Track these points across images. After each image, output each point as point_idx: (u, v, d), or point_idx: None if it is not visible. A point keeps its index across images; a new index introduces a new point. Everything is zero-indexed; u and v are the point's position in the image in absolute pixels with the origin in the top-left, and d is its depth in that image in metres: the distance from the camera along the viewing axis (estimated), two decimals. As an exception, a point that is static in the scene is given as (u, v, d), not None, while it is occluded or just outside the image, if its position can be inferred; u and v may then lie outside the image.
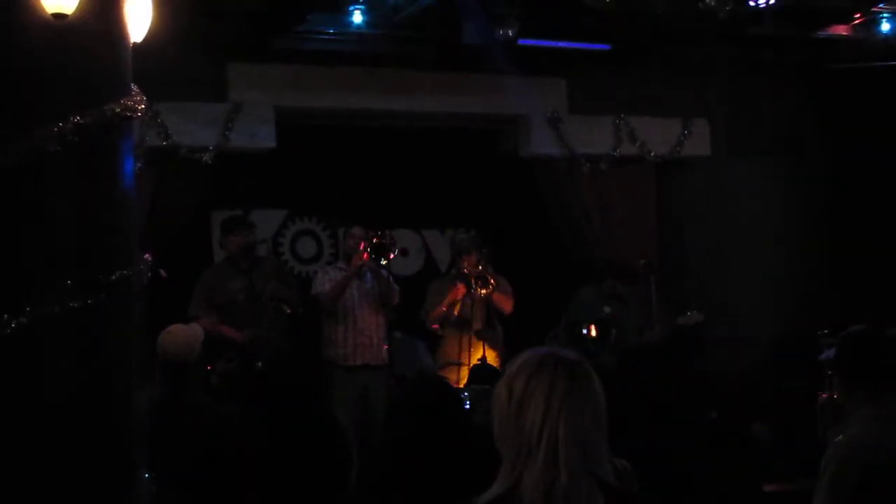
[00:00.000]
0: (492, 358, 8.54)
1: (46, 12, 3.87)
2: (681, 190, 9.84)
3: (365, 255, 8.19)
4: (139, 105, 4.11)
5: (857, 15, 8.67)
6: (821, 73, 9.52)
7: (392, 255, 8.33)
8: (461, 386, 8.05)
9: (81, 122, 3.83)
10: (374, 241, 8.21)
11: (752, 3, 7.27)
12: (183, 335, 5.60)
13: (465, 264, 8.65)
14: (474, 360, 8.44)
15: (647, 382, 3.81)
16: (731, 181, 9.73)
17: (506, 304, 8.71)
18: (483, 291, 8.51)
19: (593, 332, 8.72)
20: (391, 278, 8.50)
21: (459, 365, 8.53)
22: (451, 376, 8.45)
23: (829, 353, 6.21)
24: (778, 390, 8.71)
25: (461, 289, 8.57)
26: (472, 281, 8.50)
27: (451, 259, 9.13)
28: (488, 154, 9.85)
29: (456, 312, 8.64)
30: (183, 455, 4.85)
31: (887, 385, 4.43)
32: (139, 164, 7.66)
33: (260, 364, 7.71)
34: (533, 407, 2.75)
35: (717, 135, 9.84)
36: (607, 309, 8.90)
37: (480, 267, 8.63)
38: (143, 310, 4.05)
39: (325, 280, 8.47)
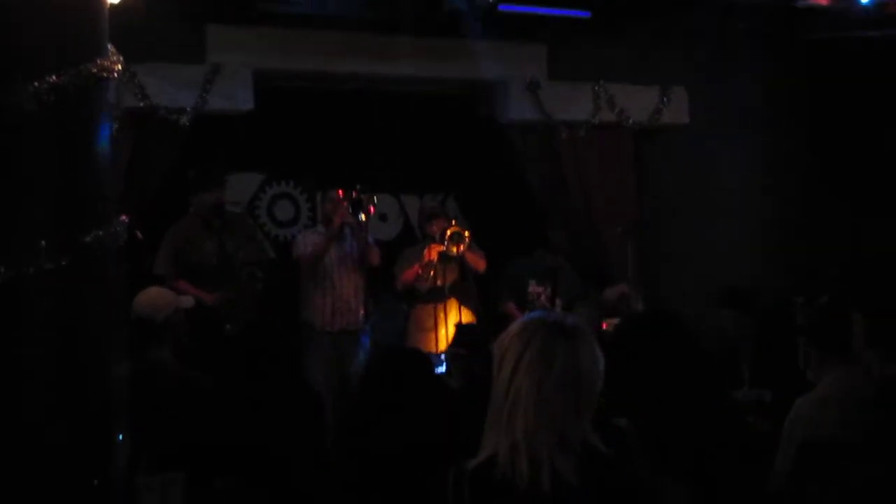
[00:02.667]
0: (466, 316, 8.57)
1: (22, -29, 3.84)
2: (658, 158, 9.85)
3: (344, 215, 8.17)
4: (116, 66, 4.08)
5: (838, -16, 8.67)
6: (801, 43, 9.53)
7: (372, 209, 8.32)
8: (438, 351, 8.08)
9: (57, 82, 3.80)
10: (353, 195, 8.21)
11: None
12: (149, 295, 5.61)
13: (435, 228, 8.66)
14: (449, 323, 8.46)
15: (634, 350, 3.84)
16: (709, 150, 9.75)
17: (478, 264, 8.73)
18: (456, 249, 8.51)
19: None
20: (371, 238, 8.50)
21: (434, 330, 8.55)
22: (428, 344, 8.49)
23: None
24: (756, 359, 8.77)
25: (434, 248, 8.57)
26: (446, 238, 8.50)
27: (420, 225, 9.13)
28: (467, 119, 9.84)
29: (428, 276, 8.64)
30: (148, 415, 4.88)
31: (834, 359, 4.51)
32: (116, 126, 7.68)
33: (229, 327, 7.68)
34: (505, 367, 2.79)
35: (696, 103, 9.84)
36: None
37: (454, 222, 8.65)
38: (119, 271, 4.04)
39: (305, 242, 8.46)
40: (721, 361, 6.61)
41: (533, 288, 8.92)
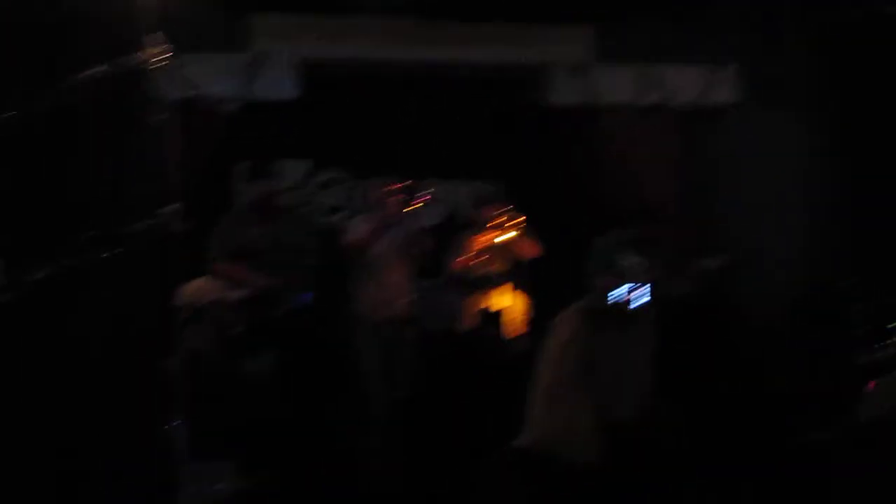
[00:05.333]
0: (521, 302, 8.56)
1: (71, -37, 3.85)
2: (706, 139, 9.76)
3: (397, 203, 8.18)
4: (164, 55, 4.10)
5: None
6: (854, 22, 9.39)
7: (427, 199, 8.31)
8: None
9: (108, 71, 3.82)
10: (406, 185, 8.22)
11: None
12: (190, 286, 5.63)
13: (487, 214, 8.65)
14: (503, 308, 8.45)
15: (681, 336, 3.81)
16: (758, 132, 9.64)
17: (531, 249, 8.69)
18: (509, 235, 8.49)
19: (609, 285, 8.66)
20: (420, 227, 8.50)
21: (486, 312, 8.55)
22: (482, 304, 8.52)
23: None
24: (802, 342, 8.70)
25: (488, 236, 8.55)
26: (499, 223, 8.48)
27: (473, 210, 9.10)
28: (512, 103, 9.79)
29: (482, 262, 8.62)
30: (191, 403, 4.90)
31: None
32: (163, 115, 7.74)
33: (281, 312, 7.71)
34: (555, 350, 2.80)
35: (745, 83, 9.74)
36: (630, 256, 8.82)
37: (506, 210, 8.64)
38: (173, 259, 4.05)
39: (355, 230, 8.46)
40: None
41: (630, 260, 8.80)
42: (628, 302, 8.17)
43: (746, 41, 9.61)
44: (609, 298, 8.12)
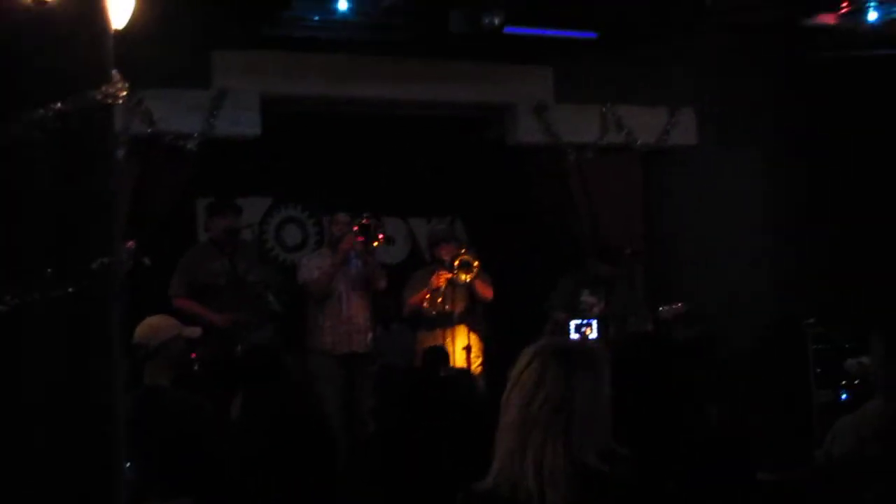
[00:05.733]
0: (475, 342, 8.56)
1: (26, -2, 3.82)
2: (667, 179, 9.82)
3: (355, 239, 8.18)
4: (121, 91, 4.06)
5: (845, 3, 8.65)
6: (808, 62, 9.50)
7: (381, 237, 8.33)
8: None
9: (62, 108, 3.78)
10: (364, 222, 8.23)
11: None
12: (148, 322, 5.60)
13: (444, 252, 8.66)
14: (456, 347, 8.44)
15: (641, 373, 3.80)
16: (718, 170, 9.71)
17: (486, 291, 8.72)
18: (465, 277, 8.50)
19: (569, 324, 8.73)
20: (376, 263, 8.49)
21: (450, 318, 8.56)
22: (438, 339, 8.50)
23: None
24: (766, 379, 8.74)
25: (443, 275, 8.56)
26: (455, 266, 8.49)
27: (429, 249, 9.11)
28: (474, 142, 9.83)
29: (438, 301, 8.62)
30: (147, 442, 4.86)
31: None
32: (123, 152, 7.71)
33: (240, 348, 7.69)
34: (518, 389, 2.79)
35: (704, 124, 9.82)
36: (586, 295, 8.87)
37: (463, 251, 8.64)
38: (125, 299, 4.01)
39: (311, 267, 8.46)
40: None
41: (586, 298, 8.86)
42: (586, 338, 8.24)
43: (707, 83, 9.69)
44: (570, 336, 8.19)
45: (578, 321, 8.45)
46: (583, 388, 2.81)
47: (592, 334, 8.38)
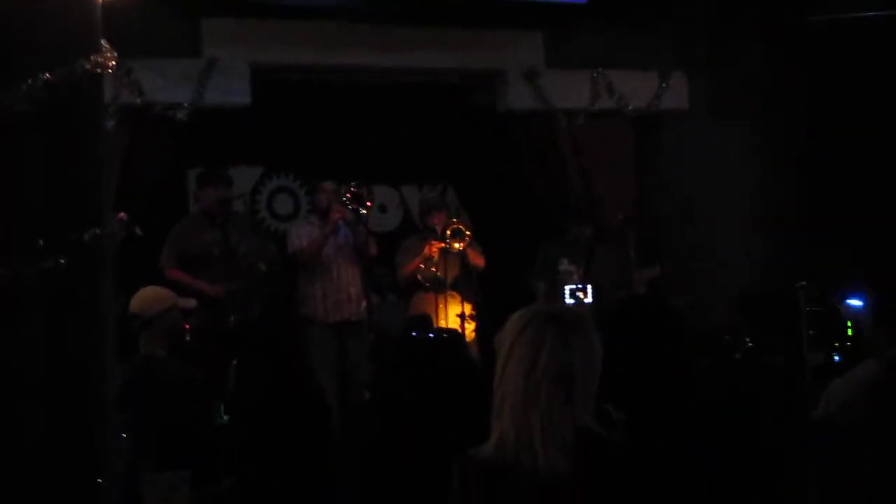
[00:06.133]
0: (468, 310, 8.56)
1: (12, -32, 3.80)
2: (659, 144, 9.81)
3: (340, 211, 8.16)
4: (110, 61, 4.04)
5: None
6: (801, 27, 9.46)
7: (370, 204, 8.32)
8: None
9: (51, 79, 3.76)
10: (352, 190, 8.21)
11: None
12: (143, 293, 5.61)
13: (436, 221, 8.65)
14: (450, 315, 8.45)
15: (632, 335, 3.81)
16: (710, 135, 9.69)
17: (478, 260, 8.71)
18: (458, 245, 8.49)
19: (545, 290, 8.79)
20: (367, 230, 8.48)
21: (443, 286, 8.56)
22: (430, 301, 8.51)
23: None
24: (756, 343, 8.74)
25: (435, 245, 8.55)
26: (448, 234, 8.48)
27: (421, 218, 9.10)
28: (465, 109, 9.80)
29: (431, 270, 8.62)
30: (144, 412, 4.88)
31: None
32: (113, 122, 7.69)
33: (233, 319, 7.69)
34: (519, 358, 2.79)
35: (696, 89, 9.79)
36: (564, 264, 8.89)
37: (454, 220, 8.63)
38: (116, 269, 4.01)
39: (300, 235, 8.44)
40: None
41: (565, 266, 8.87)
42: (581, 304, 8.25)
43: (698, 48, 9.66)
44: (560, 302, 8.20)
45: (573, 286, 8.46)
46: (581, 353, 2.82)
47: (587, 299, 8.39)
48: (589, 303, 8.33)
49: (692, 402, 3.76)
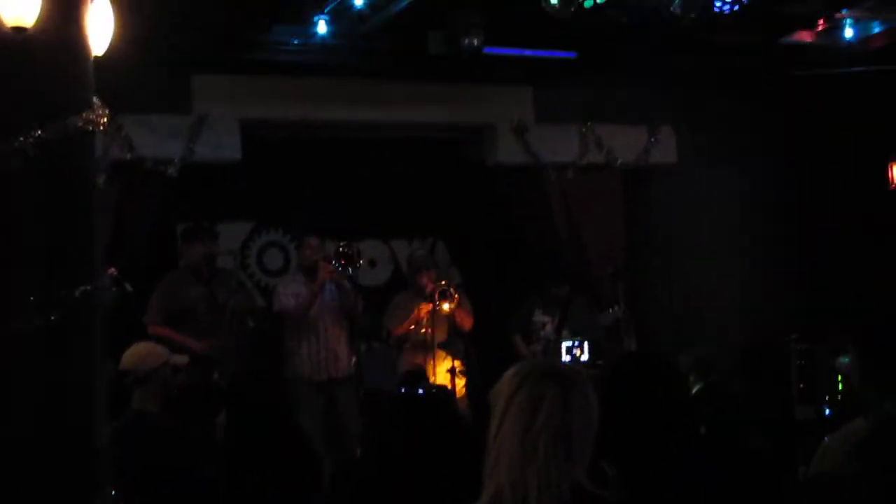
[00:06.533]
0: (458, 366, 8.53)
1: (5, 25, 3.82)
2: (648, 197, 9.84)
3: (333, 267, 8.14)
4: (101, 118, 4.06)
5: (822, 21, 8.69)
6: (786, 79, 9.54)
7: (359, 265, 8.30)
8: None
9: (43, 136, 3.78)
10: (341, 250, 8.18)
11: (717, 9, 7.25)
12: (136, 349, 5.60)
13: (425, 279, 8.63)
14: (440, 371, 8.44)
15: (630, 393, 3.79)
16: (698, 188, 9.73)
17: (466, 321, 8.68)
18: (447, 307, 8.48)
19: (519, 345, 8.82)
20: (355, 289, 8.46)
21: (431, 349, 8.53)
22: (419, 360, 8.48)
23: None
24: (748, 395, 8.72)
25: (424, 307, 8.54)
26: (436, 296, 8.47)
27: (409, 275, 9.08)
28: (455, 163, 9.83)
29: (420, 332, 8.61)
30: (135, 468, 4.84)
31: None
32: (103, 177, 7.68)
33: (217, 375, 7.63)
34: (517, 414, 2.77)
35: (683, 142, 9.85)
36: (538, 315, 8.96)
37: (443, 282, 8.61)
38: (107, 325, 4.00)
39: (287, 294, 8.38)
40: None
41: (538, 317, 8.92)
42: (577, 360, 8.25)
43: (686, 102, 9.72)
44: (562, 357, 8.21)
45: (569, 343, 8.51)
46: (579, 410, 2.80)
47: (584, 356, 8.43)
48: (585, 360, 8.34)
49: (688, 461, 3.74)
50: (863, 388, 4.76)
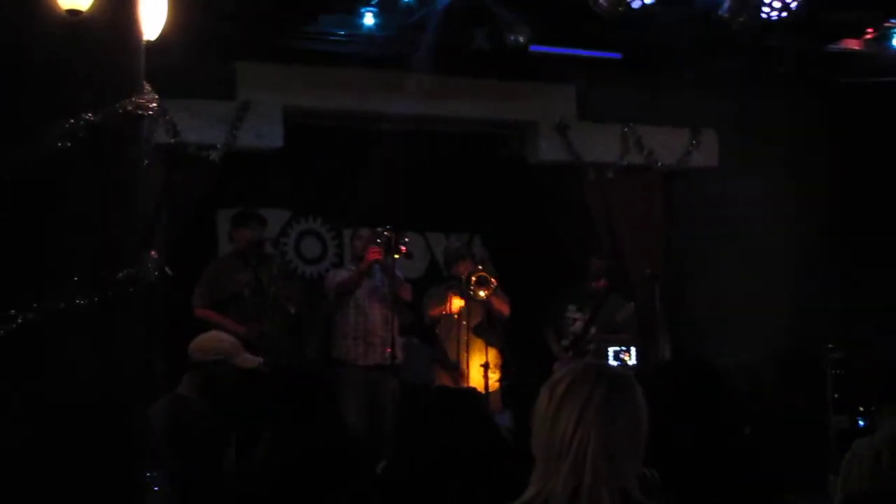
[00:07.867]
0: (493, 357, 8.53)
1: (61, 8, 3.85)
2: (687, 200, 9.80)
3: (376, 253, 8.18)
4: (151, 104, 4.10)
5: (869, 29, 8.65)
6: (832, 86, 9.49)
7: (404, 249, 8.32)
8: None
9: (93, 119, 3.81)
10: (385, 234, 8.23)
11: (764, 15, 7.23)
12: (203, 337, 5.64)
13: (462, 270, 8.65)
14: (473, 364, 8.43)
15: (676, 399, 3.79)
16: (739, 193, 9.67)
17: (503, 307, 8.68)
18: (483, 293, 8.47)
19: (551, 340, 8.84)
20: (400, 274, 8.49)
21: (457, 369, 8.52)
22: (447, 381, 8.47)
23: None
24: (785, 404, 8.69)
25: (456, 301, 8.57)
26: (472, 282, 8.47)
27: (446, 267, 9.10)
28: (495, 159, 9.83)
29: (454, 321, 8.63)
30: (175, 452, 4.88)
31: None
32: (147, 161, 7.73)
33: (262, 360, 7.66)
34: (567, 413, 2.76)
35: (725, 146, 9.81)
36: (571, 311, 8.95)
37: (480, 267, 8.62)
38: (149, 307, 4.03)
39: (336, 277, 8.51)
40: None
41: (571, 313, 8.91)
42: (625, 363, 8.25)
43: (729, 105, 9.66)
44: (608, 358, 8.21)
45: (617, 348, 8.52)
46: (629, 415, 2.79)
47: (631, 360, 8.43)
48: (633, 364, 8.35)
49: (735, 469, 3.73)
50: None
